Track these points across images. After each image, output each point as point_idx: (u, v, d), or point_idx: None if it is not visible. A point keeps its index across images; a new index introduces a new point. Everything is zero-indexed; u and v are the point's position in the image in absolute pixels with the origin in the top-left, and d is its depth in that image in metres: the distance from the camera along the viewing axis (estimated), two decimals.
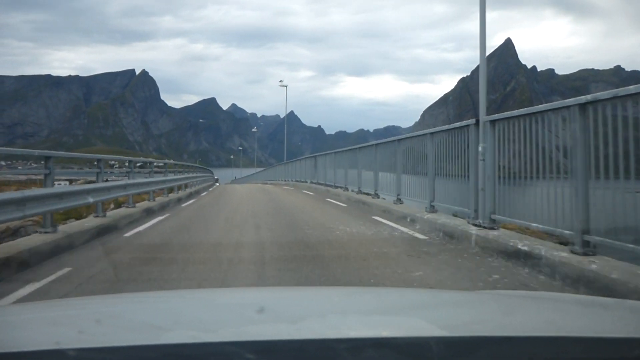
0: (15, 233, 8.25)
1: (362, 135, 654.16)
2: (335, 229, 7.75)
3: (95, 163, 8.68)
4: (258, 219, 9.23)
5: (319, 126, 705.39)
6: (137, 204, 10.49)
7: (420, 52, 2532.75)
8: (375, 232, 7.51)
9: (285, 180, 28.39)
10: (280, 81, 41.53)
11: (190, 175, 18.82)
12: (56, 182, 7.04)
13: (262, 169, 51.34)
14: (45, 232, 6.04)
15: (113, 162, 22.85)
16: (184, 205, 13.12)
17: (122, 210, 9.44)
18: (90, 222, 7.48)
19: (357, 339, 0.91)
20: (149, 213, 10.16)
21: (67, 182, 22.90)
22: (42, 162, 6.38)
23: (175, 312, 1.25)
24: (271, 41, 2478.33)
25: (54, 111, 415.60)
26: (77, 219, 8.46)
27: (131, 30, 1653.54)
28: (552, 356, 0.87)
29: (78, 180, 22.24)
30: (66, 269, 4.87)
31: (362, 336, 0.94)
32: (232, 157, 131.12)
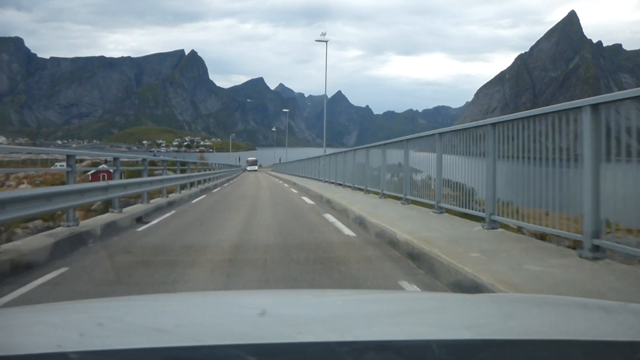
0: None
1: (410, 115, 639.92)
2: None
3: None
4: None
5: (367, 106, 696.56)
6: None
7: (473, 28, 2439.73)
8: None
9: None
10: None
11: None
12: (58, 163, 11.33)
13: (333, 150, 22.87)
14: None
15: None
16: None
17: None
18: None
19: (359, 342, 0.90)
20: None
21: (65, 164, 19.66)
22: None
23: (177, 314, 1.26)
24: (319, 20, 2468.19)
25: (107, 92, 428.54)
26: None
27: (183, 12, 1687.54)
28: None
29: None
30: None
31: (364, 339, 0.93)
32: (273, 129, 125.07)
